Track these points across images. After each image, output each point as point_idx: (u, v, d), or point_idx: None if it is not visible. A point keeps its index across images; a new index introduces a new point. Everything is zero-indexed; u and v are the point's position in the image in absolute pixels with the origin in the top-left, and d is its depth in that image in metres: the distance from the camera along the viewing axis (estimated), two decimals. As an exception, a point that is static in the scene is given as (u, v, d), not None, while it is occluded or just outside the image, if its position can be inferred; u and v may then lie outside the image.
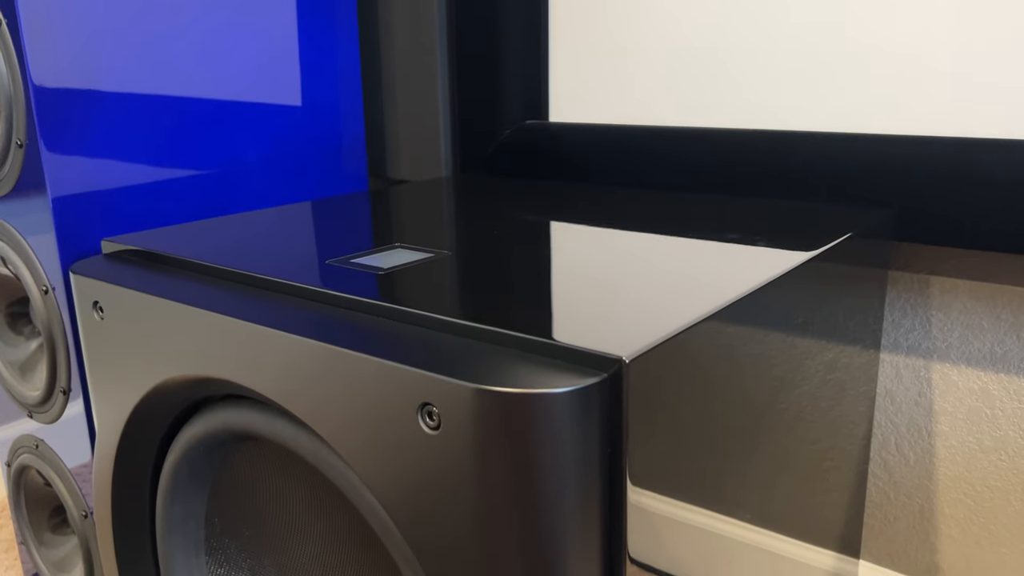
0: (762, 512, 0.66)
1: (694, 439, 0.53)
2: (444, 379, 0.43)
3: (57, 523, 1.03)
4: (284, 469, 0.68)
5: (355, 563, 0.70)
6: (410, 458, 0.46)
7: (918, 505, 0.93)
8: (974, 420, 0.88)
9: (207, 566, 0.71)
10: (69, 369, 0.86)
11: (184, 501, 0.68)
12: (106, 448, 0.69)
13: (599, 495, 0.45)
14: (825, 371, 0.76)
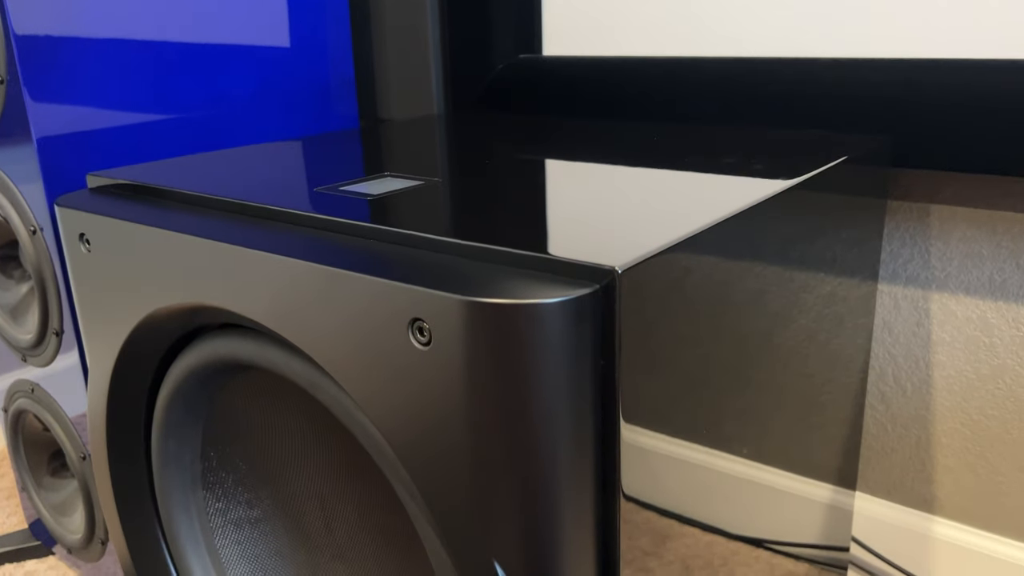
0: (758, 446, 0.66)
1: (688, 372, 0.53)
2: (434, 293, 0.42)
3: (56, 467, 1.03)
4: (278, 401, 0.68)
5: (351, 493, 0.70)
6: (402, 375, 0.46)
7: (915, 436, 0.94)
8: (972, 349, 0.87)
9: (204, 500, 0.72)
10: (61, 310, 0.85)
11: (179, 435, 0.68)
12: (99, 385, 0.69)
13: (591, 408, 0.44)
14: (822, 304, 0.75)
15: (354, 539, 0.71)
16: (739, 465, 0.64)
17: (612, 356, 0.44)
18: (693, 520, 0.59)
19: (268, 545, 0.73)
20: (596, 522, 0.47)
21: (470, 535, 0.46)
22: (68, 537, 0.98)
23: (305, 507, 0.72)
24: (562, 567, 0.46)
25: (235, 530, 0.72)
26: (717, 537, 0.64)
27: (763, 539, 0.72)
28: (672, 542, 0.57)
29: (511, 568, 0.46)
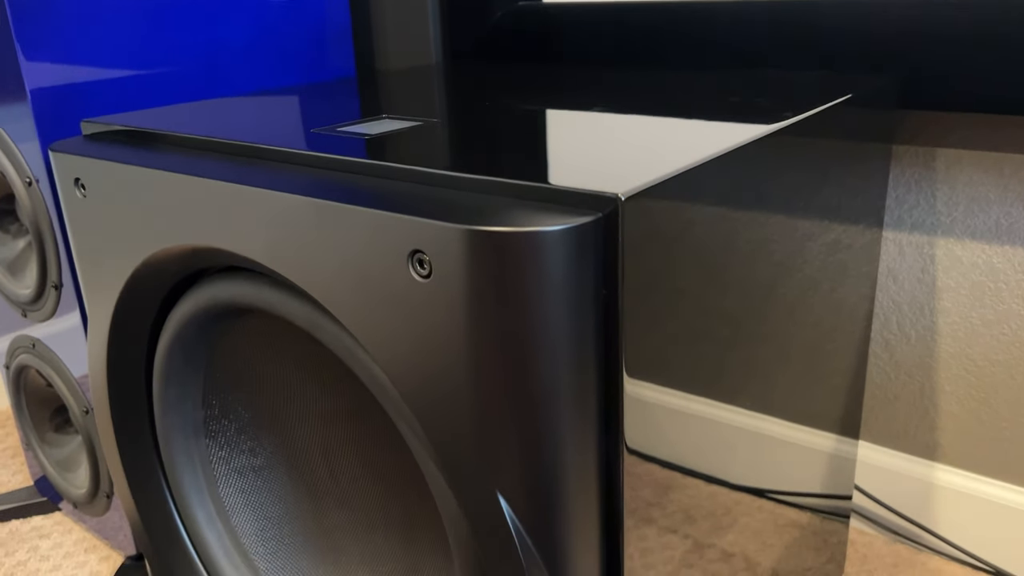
0: (761, 396, 0.66)
1: (690, 321, 0.52)
2: (433, 223, 0.42)
3: (60, 423, 1.04)
4: (279, 347, 0.68)
5: (355, 440, 0.70)
6: (402, 310, 0.45)
7: (918, 383, 0.93)
8: (977, 295, 0.87)
9: (207, 449, 0.71)
10: (59, 263, 0.84)
11: (179, 383, 0.68)
12: (99, 334, 0.69)
13: (594, 340, 0.44)
14: (826, 252, 0.74)
15: (358, 486, 0.71)
16: (742, 415, 0.64)
17: (615, 287, 0.43)
18: (696, 471, 0.59)
19: (272, 493, 0.73)
20: (599, 452, 0.47)
21: (474, 470, 0.46)
22: (73, 492, 0.99)
23: (308, 454, 0.72)
24: (565, 498, 0.46)
25: (238, 478, 0.72)
26: (720, 487, 0.64)
27: (766, 489, 0.72)
28: (675, 492, 0.57)
29: (515, 501, 0.46)
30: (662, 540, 0.57)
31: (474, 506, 0.47)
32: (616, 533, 0.51)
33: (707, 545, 0.64)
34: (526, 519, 0.46)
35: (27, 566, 1.00)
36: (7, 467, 1.22)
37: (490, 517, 0.47)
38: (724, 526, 0.66)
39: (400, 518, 0.70)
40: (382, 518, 0.70)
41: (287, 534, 0.72)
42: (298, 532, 0.72)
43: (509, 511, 0.46)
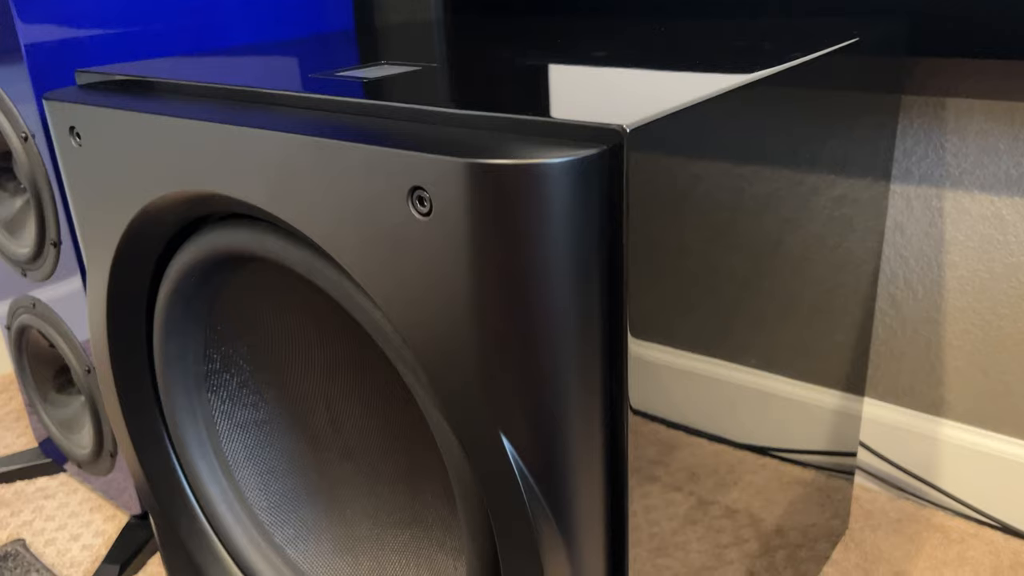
0: (766, 354, 0.65)
1: (694, 279, 0.51)
2: (433, 157, 0.41)
3: (62, 383, 1.04)
4: (280, 299, 0.67)
5: (357, 391, 0.70)
6: (402, 249, 0.44)
7: (925, 339, 0.93)
8: (986, 248, 0.86)
9: (209, 403, 0.71)
10: (58, 220, 0.83)
11: (180, 336, 0.67)
12: (98, 288, 0.68)
13: (598, 278, 0.43)
14: (833, 207, 0.73)
15: (361, 437, 0.71)
16: (746, 374, 0.63)
17: (619, 224, 0.43)
18: (700, 431, 0.59)
19: (274, 447, 0.73)
20: (603, 392, 0.46)
21: (477, 412, 0.46)
22: (77, 452, 0.99)
23: (311, 407, 0.71)
24: (570, 440, 0.45)
25: (241, 433, 0.72)
26: (724, 446, 0.64)
27: (770, 447, 0.72)
28: (679, 451, 0.57)
29: (519, 442, 0.45)
30: (666, 497, 0.57)
31: (478, 450, 0.47)
32: (621, 482, 0.50)
33: (711, 502, 0.64)
34: (531, 462, 0.46)
35: (32, 526, 1.01)
36: (11, 430, 1.22)
37: (494, 460, 0.46)
38: (728, 484, 0.66)
39: (404, 469, 0.69)
40: (386, 469, 0.70)
41: (290, 488, 0.72)
42: (301, 486, 0.72)
43: (513, 453, 0.46)
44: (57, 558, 0.95)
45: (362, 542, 0.69)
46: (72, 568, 0.93)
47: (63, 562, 0.94)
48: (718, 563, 0.67)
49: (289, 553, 0.71)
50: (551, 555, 0.48)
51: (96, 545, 0.97)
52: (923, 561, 0.88)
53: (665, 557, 0.59)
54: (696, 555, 0.63)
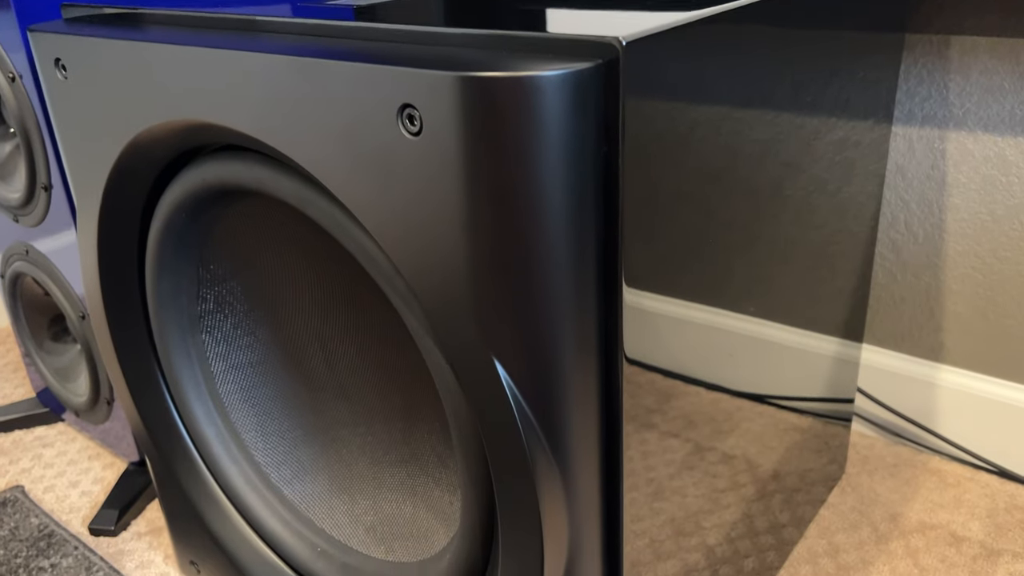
0: (764, 302, 0.65)
1: (692, 225, 0.50)
2: (423, 72, 0.40)
3: (57, 331, 1.03)
4: (273, 236, 0.66)
5: (351, 330, 0.69)
6: (393, 171, 0.43)
7: (925, 284, 0.92)
8: (988, 189, 0.85)
9: (204, 345, 0.71)
10: (48, 163, 0.82)
11: (172, 274, 0.67)
12: (88, 228, 0.67)
13: (593, 200, 0.42)
14: (834, 151, 0.72)
15: (356, 376, 0.71)
16: (744, 322, 0.63)
17: (616, 143, 0.42)
18: (697, 379, 0.58)
19: (270, 388, 0.72)
20: (599, 318, 0.46)
21: (470, 338, 0.45)
22: (74, 400, 0.99)
23: (305, 347, 0.71)
24: (565, 366, 0.45)
25: (236, 374, 0.72)
26: (721, 394, 0.64)
27: (767, 395, 0.72)
28: (676, 400, 0.57)
29: (513, 368, 0.45)
30: (663, 444, 0.57)
31: (472, 377, 0.46)
32: (616, 405, 0.50)
33: (708, 448, 0.64)
34: (525, 388, 0.45)
35: (31, 473, 1.01)
36: (9, 381, 1.22)
37: (488, 387, 0.46)
38: (725, 431, 0.66)
39: (400, 407, 0.69)
40: (382, 408, 0.70)
41: (287, 428, 0.72)
42: (298, 426, 0.72)
43: (507, 379, 0.45)
44: (56, 504, 0.95)
45: (359, 481, 0.69)
46: (71, 514, 0.94)
47: (62, 508, 0.95)
48: (715, 507, 0.67)
49: (286, 493, 0.71)
50: (547, 485, 0.48)
51: (95, 492, 0.97)
52: (919, 504, 0.89)
53: (662, 501, 0.59)
54: (693, 499, 0.63)
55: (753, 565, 0.76)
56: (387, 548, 0.65)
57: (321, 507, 0.70)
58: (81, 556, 0.86)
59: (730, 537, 0.71)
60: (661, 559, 0.61)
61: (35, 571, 0.84)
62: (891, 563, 0.81)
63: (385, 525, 0.66)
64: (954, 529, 0.85)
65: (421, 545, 0.63)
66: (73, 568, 0.84)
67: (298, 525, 0.69)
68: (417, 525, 0.64)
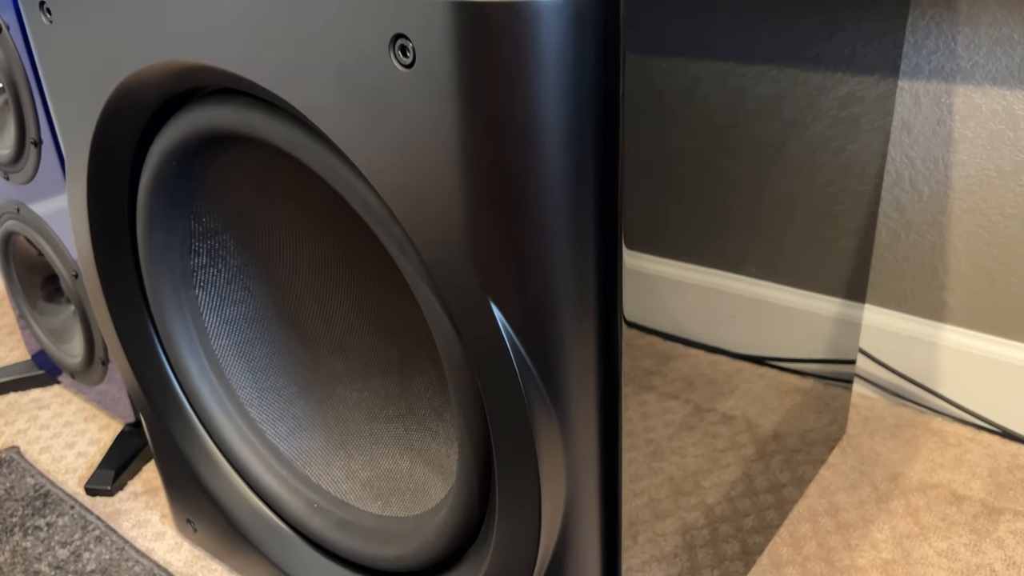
0: (766, 263, 0.63)
1: (694, 192, 0.49)
2: (416, 0, 0.38)
3: (51, 292, 1.02)
4: (264, 186, 0.65)
5: (346, 284, 0.68)
6: (385, 106, 0.42)
7: (929, 242, 0.91)
8: (995, 145, 0.83)
9: (197, 300, 0.70)
10: (37, 118, 0.81)
11: (164, 227, 0.65)
12: (78, 180, 0.66)
13: (592, 132, 0.41)
14: (839, 107, 0.70)
15: (352, 331, 0.70)
16: (746, 284, 0.62)
17: (616, 74, 0.40)
18: (697, 342, 0.58)
19: (265, 344, 0.71)
20: (597, 259, 0.44)
21: (466, 281, 0.44)
22: (69, 361, 0.98)
23: (301, 302, 0.70)
24: (562, 307, 0.44)
25: (230, 330, 0.71)
26: (721, 356, 0.63)
27: (767, 356, 0.71)
28: (676, 362, 0.56)
29: (510, 311, 0.44)
30: (663, 405, 0.56)
31: (469, 322, 0.45)
32: (614, 353, 0.49)
33: (707, 409, 0.63)
34: (522, 332, 0.44)
35: (27, 434, 1.00)
36: (3, 344, 1.21)
37: (484, 332, 0.45)
38: (725, 392, 0.65)
39: (396, 361, 0.68)
40: (378, 363, 0.69)
41: (282, 385, 0.71)
42: (293, 382, 0.71)
43: (504, 323, 0.44)
44: (52, 465, 0.95)
45: (355, 437, 0.69)
46: (67, 474, 0.93)
47: (58, 468, 0.94)
48: (714, 467, 0.67)
49: (282, 450, 0.70)
50: (544, 434, 0.47)
51: (91, 453, 0.97)
52: (920, 464, 0.88)
53: (661, 461, 0.58)
54: (692, 459, 0.63)
55: (752, 523, 0.76)
56: (384, 503, 0.64)
57: (317, 463, 0.69)
58: (77, 515, 0.85)
59: (729, 496, 0.70)
60: (660, 518, 0.60)
61: (31, 530, 0.84)
62: (891, 521, 0.81)
63: (382, 480, 0.65)
64: (955, 488, 0.84)
65: (418, 499, 0.63)
66: (69, 527, 0.84)
67: (294, 481, 0.69)
68: (414, 480, 0.64)
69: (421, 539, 0.59)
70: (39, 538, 0.83)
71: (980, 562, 0.76)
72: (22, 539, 0.83)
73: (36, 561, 0.80)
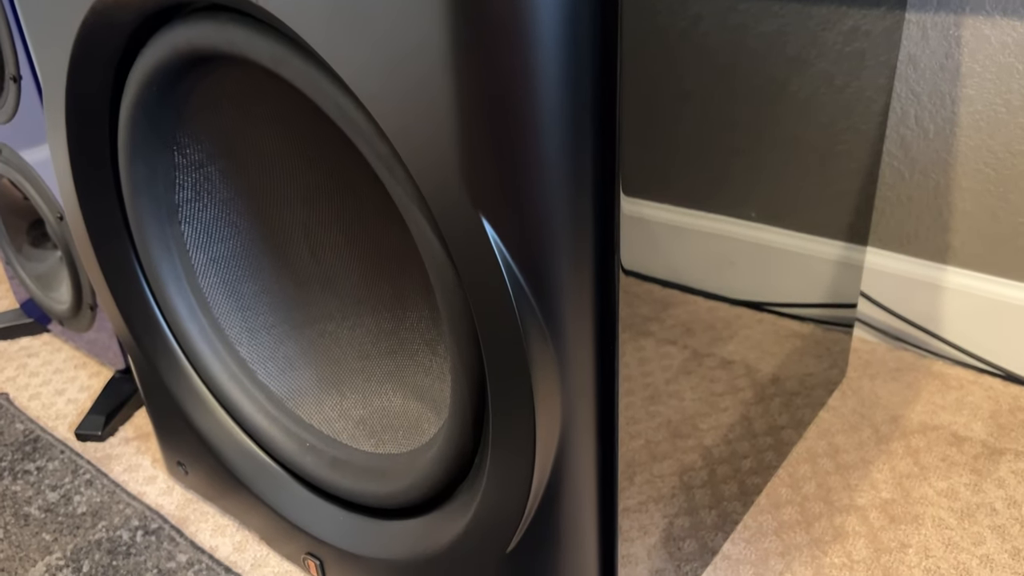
0: (767, 207, 0.62)
1: (694, 134, 0.47)
2: None
3: (37, 236, 1.00)
4: (249, 116, 0.63)
5: (335, 216, 0.66)
6: (372, 13, 0.40)
7: (933, 182, 0.89)
8: (1004, 78, 0.81)
9: (183, 236, 0.68)
10: (15, 52, 0.78)
11: (147, 159, 0.63)
12: (56, 109, 0.63)
13: (590, 32, 0.39)
14: (843, 42, 0.68)
15: (343, 266, 0.68)
16: (746, 228, 0.60)
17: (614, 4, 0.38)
18: (696, 288, 0.56)
19: (254, 282, 0.70)
20: (594, 177, 0.43)
21: (456, 197, 0.42)
22: (57, 308, 0.96)
23: (290, 238, 0.68)
24: (556, 225, 0.42)
25: (218, 267, 0.69)
26: (720, 303, 0.61)
27: (767, 302, 0.69)
28: (674, 308, 0.55)
29: (502, 227, 0.42)
30: (660, 351, 0.55)
31: (461, 242, 0.43)
32: (611, 283, 0.47)
33: (706, 355, 0.62)
34: (516, 251, 0.43)
35: (16, 381, 0.99)
36: (-8, 294, 1.20)
37: (477, 249, 0.43)
38: (724, 338, 0.64)
39: (388, 296, 0.67)
40: (369, 298, 0.67)
41: (272, 323, 0.70)
42: (283, 321, 0.70)
43: (497, 241, 0.42)
44: (42, 411, 0.94)
45: (348, 375, 0.67)
46: (57, 420, 0.92)
47: (48, 415, 0.93)
48: (712, 410, 0.66)
49: (273, 389, 0.69)
50: (539, 358, 0.46)
51: (81, 399, 0.95)
52: (920, 406, 0.87)
53: (659, 405, 0.57)
54: (690, 403, 0.62)
55: (751, 465, 0.75)
56: (377, 440, 0.63)
57: (309, 402, 0.68)
58: (67, 459, 0.84)
59: (728, 439, 0.69)
60: (657, 459, 0.60)
61: (20, 474, 0.83)
62: (891, 462, 0.80)
63: (375, 418, 0.64)
64: (956, 430, 0.84)
65: (411, 436, 0.62)
66: (59, 471, 0.83)
67: (286, 421, 0.68)
68: (407, 416, 0.63)
69: (414, 475, 0.58)
70: (29, 482, 0.82)
71: (980, 501, 0.75)
72: (11, 483, 0.82)
73: (26, 504, 0.79)
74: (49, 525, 0.76)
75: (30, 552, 0.73)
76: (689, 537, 0.67)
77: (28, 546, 0.74)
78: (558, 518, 0.52)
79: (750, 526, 0.74)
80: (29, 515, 0.78)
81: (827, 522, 0.74)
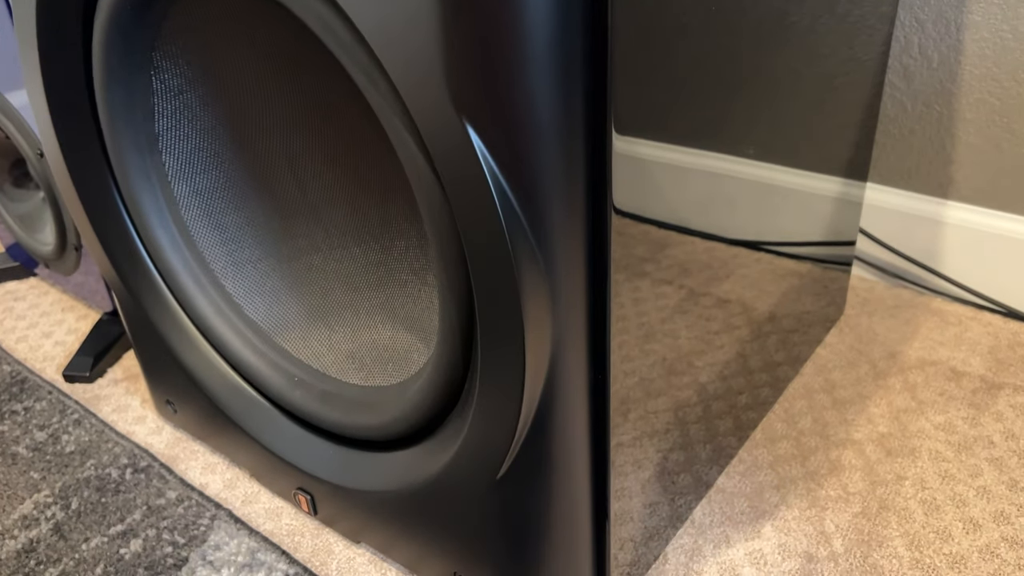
0: (765, 143, 0.60)
1: (689, 68, 0.45)
2: None
3: (19, 176, 0.98)
4: (228, 39, 0.60)
5: (320, 145, 0.64)
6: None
7: (936, 113, 0.87)
8: (1012, 3, 0.78)
9: (164, 166, 0.66)
10: (-14, -21, 0.75)
11: (124, 84, 0.61)
12: (28, 35, 0.61)
13: None
14: None
15: (329, 196, 0.66)
16: (743, 166, 0.58)
17: None
18: (692, 229, 0.54)
19: (238, 213, 0.68)
20: (584, 90, 0.41)
21: (440, 103, 0.40)
22: (42, 249, 0.95)
23: (274, 168, 0.66)
24: (544, 129, 0.40)
25: (201, 199, 0.67)
26: (717, 243, 0.60)
27: (764, 241, 0.68)
28: (671, 249, 0.53)
29: (485, 132, 0.40)
30: (656, 291, 0.53)
31: (445, 154, 0.42)
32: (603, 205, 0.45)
33: (702, 294, 0.61)
34: (503, 162, 0.41)
35: (2, 324, 0.98)
36: (-23, 239, 1.18)
37: (462, 160, 0.41)
38: (720, 277, 0.63)
39: (376, 224, 0.65)
40: (356, 229, 0.66)
41: (258, 257, 0.68)
42: (270, 254, 0.68)
43: (483, 150, 0.40)
44: (29, 353, 0.93)
45: (336, 309, 0.66)
46: (45, 362, 0.91)
47: (35, 357, 0.92)
48: (708, 348, 0.64)
49: (261, 324, 0.68)
50: (528, 278, 0.44)
51: (69, 342, 0.94)
52: (918, 342, 0.86)
53: (653, 343, 0.56)
54: (685, 341, 0.60)
55: (746, 401, 0.74)
56: (366, 373, 0.62)
57: (297, 337, 0.66)
58: (55, 400, 0.83)
59: (723, 375, 0.68)
60: (651, 396, 0.58)
61: (7, 415, 0.82)
62: (888, 397, 0.79)
63: (364, 350, 0.63)
64: (954, 365, 0.83)
65: (401, 367, 0.60)
66: (47, 411, 0.82)
67: (274, 355, 0.66)
68: (396, 348, 0.61)
69: (403, 405, 0.57)
70: (16, 422, 0.81)
71: (978, 434, 0.74)
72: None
73: (13, 444, 0.78)
74: (37, 464, 0.75)
75: (18, 490, 0.72)
76: (683, 471, 0.66)
77: (16, 484, 0.73)
78: (549, 446, 0.51)
79: (745, 460, 0.74)
80: (17, 454, 0.77)
81: (823, 456, 0.73)
